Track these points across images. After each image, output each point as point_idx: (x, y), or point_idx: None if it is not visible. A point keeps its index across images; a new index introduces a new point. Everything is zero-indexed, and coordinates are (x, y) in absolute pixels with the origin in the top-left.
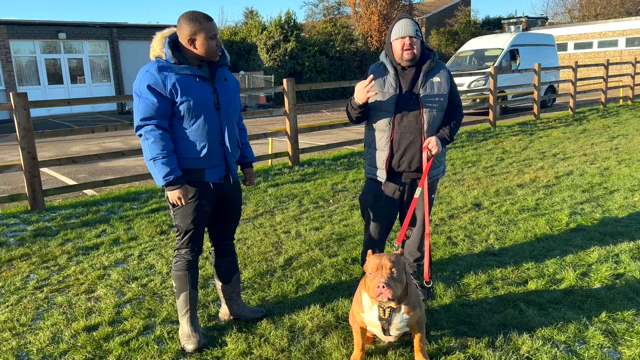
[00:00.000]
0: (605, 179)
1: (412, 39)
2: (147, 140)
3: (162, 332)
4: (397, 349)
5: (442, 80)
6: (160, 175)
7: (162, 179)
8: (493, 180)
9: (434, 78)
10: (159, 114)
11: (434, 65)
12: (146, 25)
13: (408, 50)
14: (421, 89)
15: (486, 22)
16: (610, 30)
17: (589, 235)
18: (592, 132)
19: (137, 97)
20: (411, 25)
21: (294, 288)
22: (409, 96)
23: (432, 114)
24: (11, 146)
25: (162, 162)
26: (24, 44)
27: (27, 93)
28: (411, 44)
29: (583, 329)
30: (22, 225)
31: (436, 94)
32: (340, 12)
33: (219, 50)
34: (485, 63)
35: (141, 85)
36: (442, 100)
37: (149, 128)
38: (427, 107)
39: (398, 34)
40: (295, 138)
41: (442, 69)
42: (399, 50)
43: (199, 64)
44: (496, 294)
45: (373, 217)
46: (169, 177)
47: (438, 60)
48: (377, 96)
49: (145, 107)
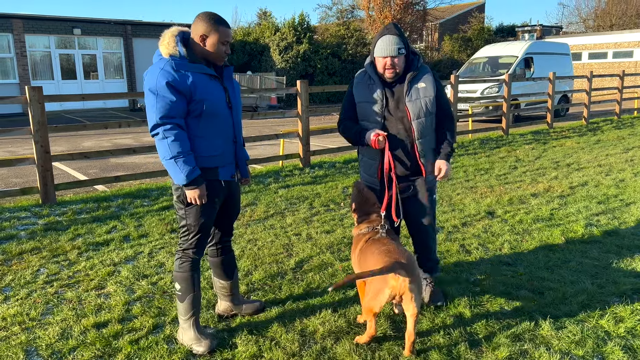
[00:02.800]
0: (621, 190)
1: (394, 59)
2: (166, 139)
3: (172, 332)
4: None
5: (427, 84)
6: (183, 174)
7: (184, 178)
8: (506, 189)
9: (418, 84)
10: (177, 113)
11: (418, 72)
12: (160, 24)
13: (389, 70)
14: (406, 97)
15: (500, 30)
16: (625, 41)
17: (605, 248)
18: (607, 143)
19: (154, 95)
20: (393, 44)
21: (304, 291)
22: (395, 105)
23: (420, 121)
24: (23, 139)
25: (184, 161)
26: (38, 39)
27: (42, 87)
28: (392, 65)
29: (601, 344)
30: (33, 219)
31: (422, 98)
32: (353, 15)
33: (225, 57)
34: (499, 70)
35: (158, 83)
36: (428, 105)
37: (168, 127)
38: (415, 114)
39: (380, 53)
40: (306, 140)
41: (426, 73)
42: (380, 68)
43: (206, 63)
44: (511, 305)
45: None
46: (191, 175)
47: (423, 65)
48: (365, 108)
49: (164, 105)
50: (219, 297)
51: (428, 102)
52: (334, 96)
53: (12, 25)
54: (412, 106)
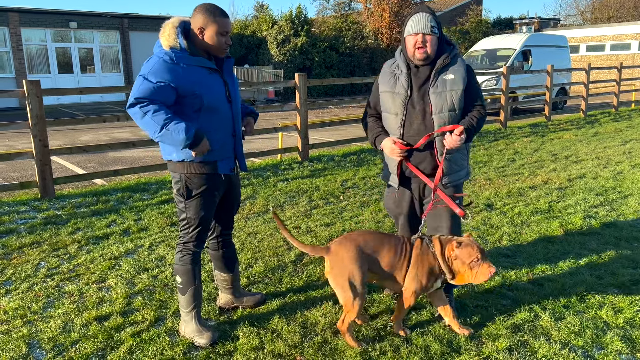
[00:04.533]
0: (619, 182)
1: (426, 36)
2: (146, 114)
3: (174, 324)
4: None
5: (456, 76)
6: (181, 135)
7: (184, 137)
8: (505, 181)
9: (446, 75)
10: (158, 98)
11: (448, 62)
12: (157, 17)
13: (420, 49)
14: (431, 88)
15: (498, 22)
16: (623, 34)
17: (604, 240)
18: (605, 136)
19: (142, 79)
20: (426, 21)
21: (305, 284)
22: (420, 97)
23: (442, 115)
24: (20, 134)
25: (175, 124)
26: (35, 32)
27: (39, 81)
28: (424, 42)
29: (600, 335)
30: (32, 213)
31: (448, 91)
32: (351, 8)
33: (227, 48)
34: (497, 63)
35: (151, 71)
36: (454, 99)
37: (145, 103)
38: (438, 107)
39: (411, 30)
40: (305, 133)
41: (457, 64)
42: (411, 47)
43: (207, 56)
44: (511, 297)
45: (399, 223)
46: (190, 131)
47: (457, 55)
48: (387, 98)
49: (147, 88)
50: (220, 289)
51: (454, 96)
52: (332, 89)
53: (8, 19)
54: (435, 99)
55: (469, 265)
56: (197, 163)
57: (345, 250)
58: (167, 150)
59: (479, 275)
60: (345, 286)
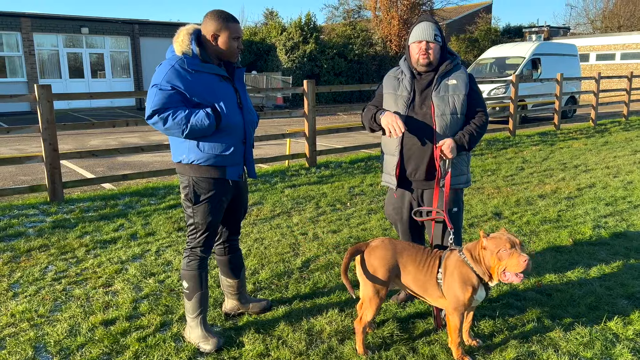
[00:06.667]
0: (629, 192)
1: (429, 43)
2: (167, 121)
3: (180, 330)
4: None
5: (458, 82)
6: (206, 122)
7: (210, 123)
8: (513, 190)
9: (449, 80)
10: (175, 106)
11: (451, 68)
12: (167, 23)
13: (423, 55)
14: (434, 91)
15: (507, 30)
16: (633, 43)
17: (613, 250)
18: (614, 145)
19: (157, 88)
20: (430, 29)
21: (311, 291)
22: (421, 100)
23: (444, 117)
24: (30, 137)
25: (194, 116)
26: (47, 38)
27: (50, 85)
28: (427, 49)
29: (610, 347)
30: (41, 216)
31: (451, 95)
32: (360, 15)
33: (239, 53)
34: (506, 71)
35: (164, 79)
36: (456, 103)
37: (161, 111)
38: (440, 109)
39: (415, 38)
40: (313, 139)
41: (459, 71)
42: (415, 54)
43: (219, 62)
44: (519, 307)
45: (399, 228)
46: (211, 116)
47: (459, 64)
48: (389, 99)
49: (162, 98)
50: (226, 295)
51: (457, 100)
52: (340, 96)
53: (21, 24)
54: (438, 100)
55: (497, 255)
56: (206, 166)
57: (383, 248)
58: (178, 152)
59: (509, 267)
60: (369, 281)
